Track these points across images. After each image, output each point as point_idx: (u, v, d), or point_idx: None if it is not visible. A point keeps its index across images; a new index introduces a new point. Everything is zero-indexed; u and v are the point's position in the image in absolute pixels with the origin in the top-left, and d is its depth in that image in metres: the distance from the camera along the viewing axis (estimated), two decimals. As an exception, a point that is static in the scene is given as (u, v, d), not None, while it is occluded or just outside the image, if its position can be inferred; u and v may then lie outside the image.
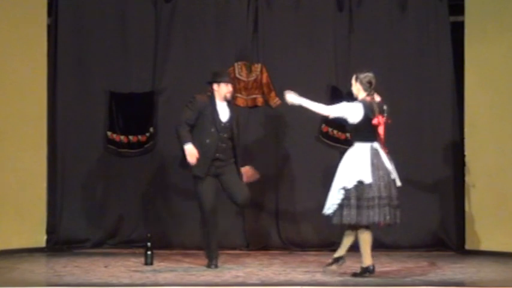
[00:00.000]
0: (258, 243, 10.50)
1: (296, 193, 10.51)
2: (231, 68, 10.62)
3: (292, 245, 10.53)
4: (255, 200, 10.38)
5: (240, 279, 8.16)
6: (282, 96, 10.58)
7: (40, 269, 9.12)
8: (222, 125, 8.74)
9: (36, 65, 10.26)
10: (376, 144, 8.26)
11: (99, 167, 10.56)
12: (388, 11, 10.71)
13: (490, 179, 10.16)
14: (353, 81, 8.45)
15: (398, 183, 8.30)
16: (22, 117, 10.09)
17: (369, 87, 8.35)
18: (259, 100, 10.64)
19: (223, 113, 8.80)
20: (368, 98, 8.32)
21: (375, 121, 8.23)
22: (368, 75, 8.40)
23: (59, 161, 10.42)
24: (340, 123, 8.89)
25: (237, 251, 10.32)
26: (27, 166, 10.09)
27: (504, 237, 10.02)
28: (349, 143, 10.49)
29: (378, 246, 10.15)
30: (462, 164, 10.43)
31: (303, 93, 10.57)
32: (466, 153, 10.41)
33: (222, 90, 8.81)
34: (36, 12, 10.29)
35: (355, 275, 8.28)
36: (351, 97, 10.43)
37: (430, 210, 10.51)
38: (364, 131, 8.25)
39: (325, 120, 10.66)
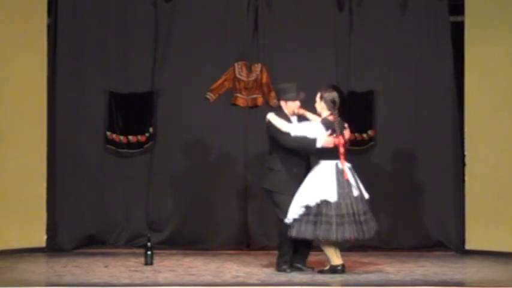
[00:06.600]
0: (258, 243, 10.49)
1: (296, 193, 10.49)
2: (231, 68, 10.62)
3: (292, 245, 10.52)
4: (255, 199, 10.42)
5: (240, 279, 8.16)
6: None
7: (40, 269, 9.12)
8: None
9: (36, 65, 10.25)
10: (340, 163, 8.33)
11: (99, 167, 10.55)
12: (388, 11, 10.70)
13: (490, 179, 10.16)
14: (317, 99, 8.50)
15: (366, 195, 8.40)
16: (22, 117, 10.09)
17: (333, 107, 8.41)
18: (259, 100, 10.62)
19: None
20: (331, 118, 8.38)
21: (335, 141, 8.29)
22: (332, 94, 8.48)
23: (58, 161, 10.40)
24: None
25: (238, 251, 10.32)
26: (27, 166, 10.09)
27: (504, 237, 10.01)
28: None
29: (378, 246, 10.21)
30: (462, 164, 10.43)
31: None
32: (466, 153, 10.41)
33: (290, 107, 8.65)
34: (36, 12, 10.28)
35: (321, 271, 8.41)
36: (351, 97, 10.51)
37: (430, 210, 10.50)
38: (327, 150, 8.31)
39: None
